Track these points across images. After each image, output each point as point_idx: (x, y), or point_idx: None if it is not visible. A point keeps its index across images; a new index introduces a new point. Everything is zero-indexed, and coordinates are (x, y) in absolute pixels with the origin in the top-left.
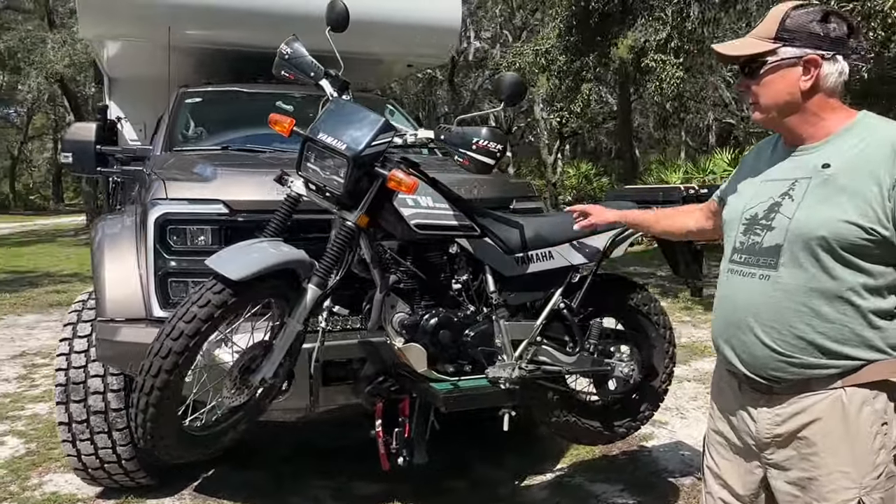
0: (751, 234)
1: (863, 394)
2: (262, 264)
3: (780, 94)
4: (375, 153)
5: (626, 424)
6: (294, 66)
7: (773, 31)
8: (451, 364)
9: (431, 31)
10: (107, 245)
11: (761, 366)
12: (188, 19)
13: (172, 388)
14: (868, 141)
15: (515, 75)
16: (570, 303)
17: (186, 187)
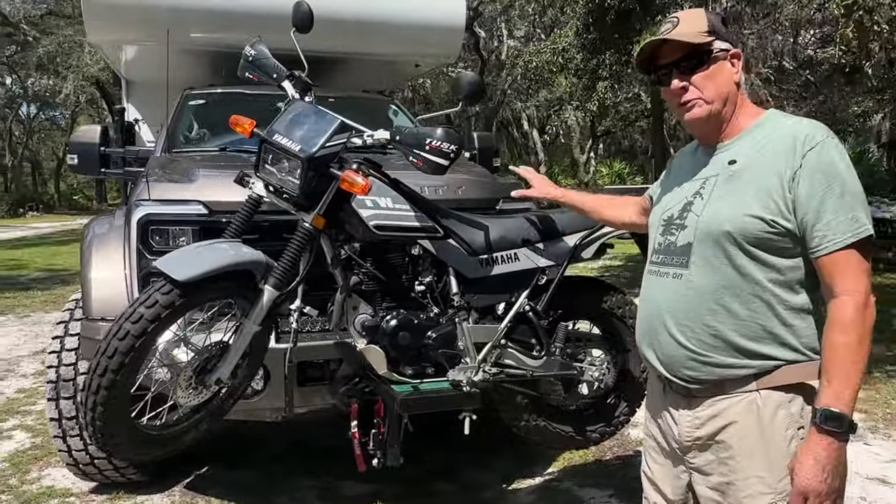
0: (667, 234)
1: (778, 397)
2: (210, 265)
3: (723, 84)
4: (330, 154)
5: (600, 430)
6: (257, 68)
7: (704, 25)
8: (412, 366)
9: (436, 30)
10: (95, 245)
11: (677, 366)
12: (190, 22)
13: (119, 387)
14: (772, 136)
15: (474, 75)
16: (535, 305)
17: (169, 189)
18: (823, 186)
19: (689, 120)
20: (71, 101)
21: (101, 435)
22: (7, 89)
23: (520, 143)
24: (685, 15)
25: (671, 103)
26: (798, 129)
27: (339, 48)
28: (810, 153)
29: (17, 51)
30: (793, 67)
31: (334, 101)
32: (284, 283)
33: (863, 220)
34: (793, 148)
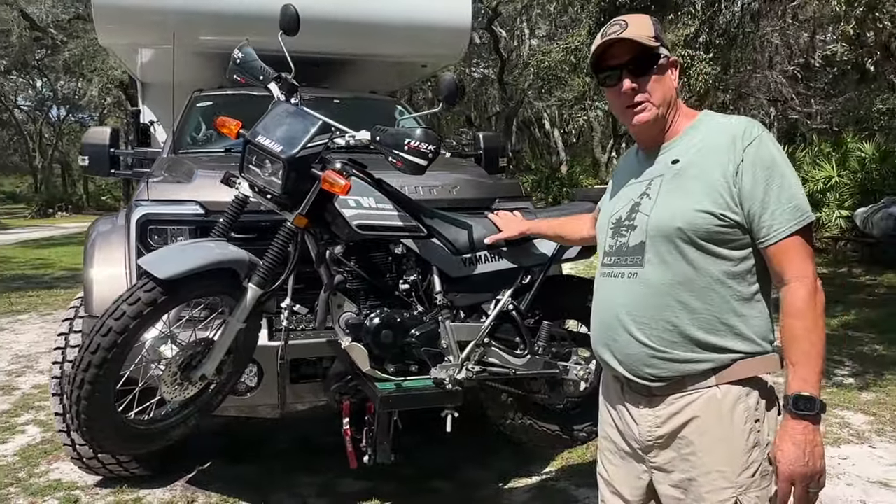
0: (618, 236)
1: (736, 391)
2: (192, 264)
3: (668, 89)
4: (311, 155)
5: (587, 429)
6: (244, 71)
7: (651, 31)
8: (395, 364)
9: (442, 31)
10: (97, 244)
11: (637, 364)
12: (198, 25)
13: (103, 382)
14: (711, 134)
15: (452, 76)
16: (518, 304)
17: (167, 189)
18: (765, 179)
19: (638, 122)
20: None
21: (87, 429)
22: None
23: (541, 142)
24: (632, 19)
25: (616, 105)
26: (735, 126)
27: (346, 49)
28: (749, 147)
29: (46, 54)
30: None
31: (340, 103)
32: (268, 282)
33: (804, 208)
34: (732, 144)
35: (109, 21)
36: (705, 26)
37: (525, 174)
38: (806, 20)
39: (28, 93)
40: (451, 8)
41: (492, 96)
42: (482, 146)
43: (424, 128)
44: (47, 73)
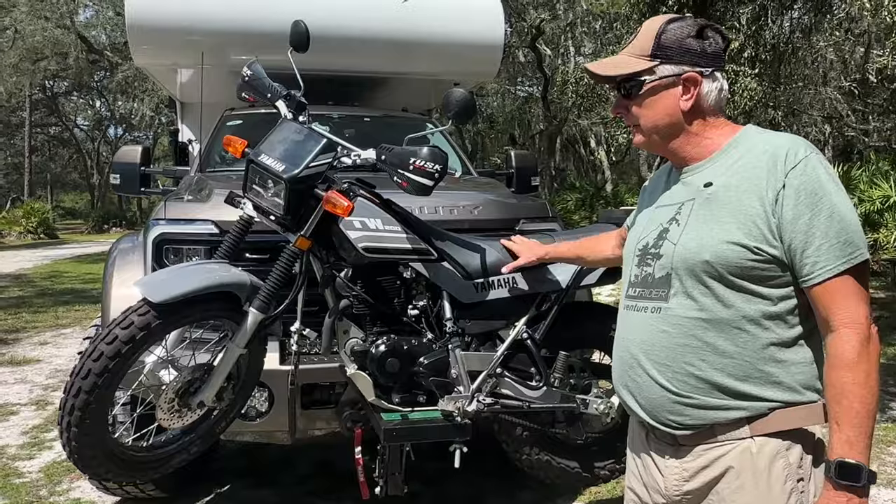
0: (643, 265)
1: (774, 444)
2: (187, 287)
3: (660, 115)
4: (313, 175)
5: (610, 466)
6: (253, 88)
7: (648, 47)
8: (402, 394)
9: (475, 48)
10: (117, 263)
11: (658, 409)
12: (228, 45)
13: (94, 407)
14: (750, 154)
15: (464, 92)
16: (533, 333)
17: (184, 208)
18: (810, 208)
19: (635, 145)
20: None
21: (77, 455)
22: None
23: (586, 161)
24: (645, 27)
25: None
26: (777, 144)
27: (379, 67)
28: (793, 171)
29: (105, 76)
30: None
31: (370, 121)
32: (271, 306)
33: (857, 243)
34: (773, 166)
35: (143, 42)
36: (751, 41)
37: (569, 193)
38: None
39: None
40: (483, 26)
41: (535, 115)
42: (514, 165)
43: (431, 147)
44: (105, 93)
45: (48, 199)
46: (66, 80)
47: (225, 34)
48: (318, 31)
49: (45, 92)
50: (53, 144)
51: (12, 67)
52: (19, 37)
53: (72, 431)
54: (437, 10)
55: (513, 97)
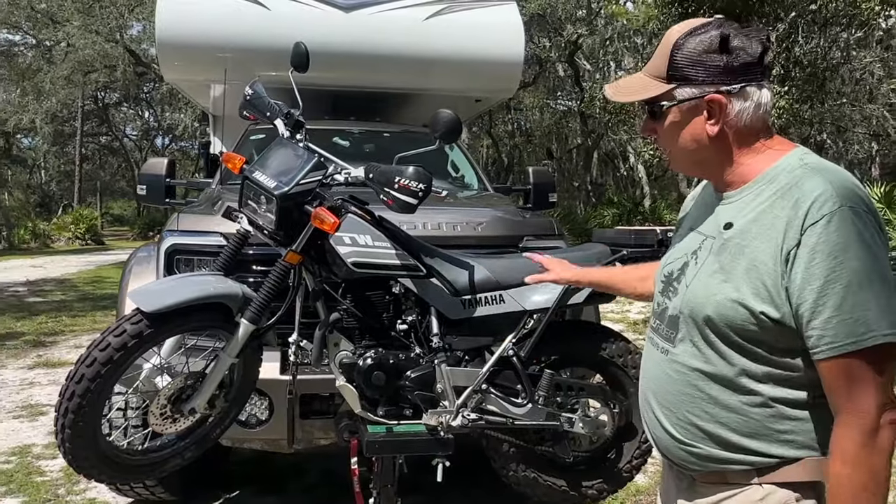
0: (664, 295)
1: (782, 495)
2: (179, 298)
3: (686, 142)
4: (303, 191)
5: (598, 486)
6: (253, 107)
7: (664, 67)
8: (388, 407)
9: (495, 66)
10: (133, 271)
11: (666, 450)
12: (252, 62)
13: (87, 411)
14: (779, 195)
15: (451, 113)
16: (518, 350)
17: (196, 220)
18: (825, 273)
19: (669, 167)
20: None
21: (71, 457)
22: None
23: (625, 175)
24: (661, 42)
25: None
26: (807, 189)
27: (401, 84)
28: (812, 228)
29: (152, 88)
30: None
31: (389, 136)
32: (262, 317)
33: (872, 325)
34: (794, 217)
35: (171, 58)
36: (780, 58)
37: (606, 208)
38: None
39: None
40: (503, 43)
41: (573, 129)
42: (532, 181)
43: (416, 166)
44: (153, 104)
45: (97, 206)
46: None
47: (249, 51)
48: (340, 49)
49: (96, 103)
50: (103, 153)
51: (65, 79)
52: (71, 50)
53: (66, 433)
54: (458, 28)
55: (551, 111)
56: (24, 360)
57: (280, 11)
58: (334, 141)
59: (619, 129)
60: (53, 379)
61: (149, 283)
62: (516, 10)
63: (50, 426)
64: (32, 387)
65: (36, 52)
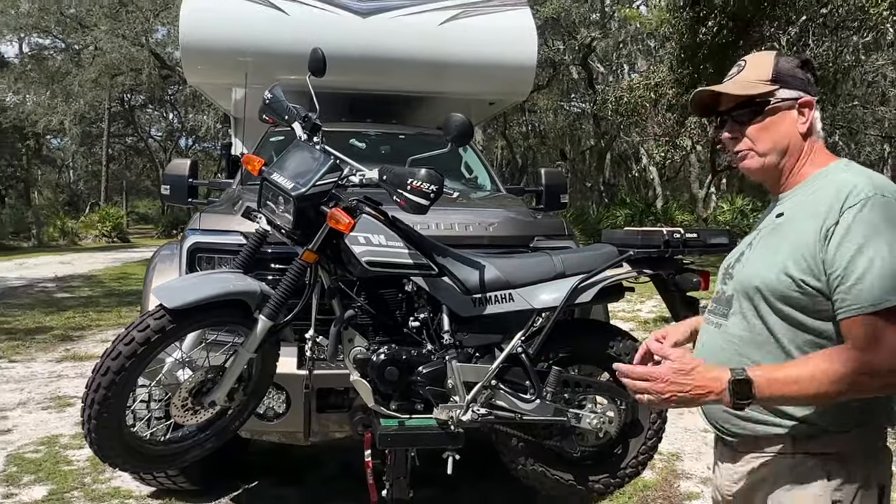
0: (722, 283)
1: (814, 463)
2: (199, 294)
3: (781, 136)
4: (319, 193)
5: (604, 481)
6: (272, 111)
7: (768, 73)
8: (400, 402)
9: (508, 69)
10: (157, 268)
11: (716, 417)
12: (272, 66)
13: (111, 402)
14: (822, 190)
15: (462, 116)
16: (527, 348)
17: (217, 220)
18: (856, 247)
19: (743, 169)
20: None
21: (97, 447)
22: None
23: (638, 176)
24: (753, 59)
25: (729, 149)
26: (846, 181)
27: (416, 87)
28: (850, 210)
29: (176, 90)
30: None
31: (405, 138)
32: (280, 314)
33: (891, 291)
34: (835, 201)
35: (195, 62)
36: None
37: (619, 208)
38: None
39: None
40: (516, 47)
41: (586, 131)
42: (544, 182)
43: (428, 168)
44: (177, 106)
45: (123, 205)
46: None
47: (268, 55)
48: (357, 53)
49: (122, 105)
50: (129, 154)
51: (92, 82)
52: (99, 53)
53: (91, 423)
54: (473, 32)
55: (564, 113)
56: (53, 353)
57: (298, 17)
58: (351, 143)
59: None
60: (80, 372)
61: (171, 280)
62: (530, 15)
63: (77, 417)
64: (60, 379)
65: (65, 55)
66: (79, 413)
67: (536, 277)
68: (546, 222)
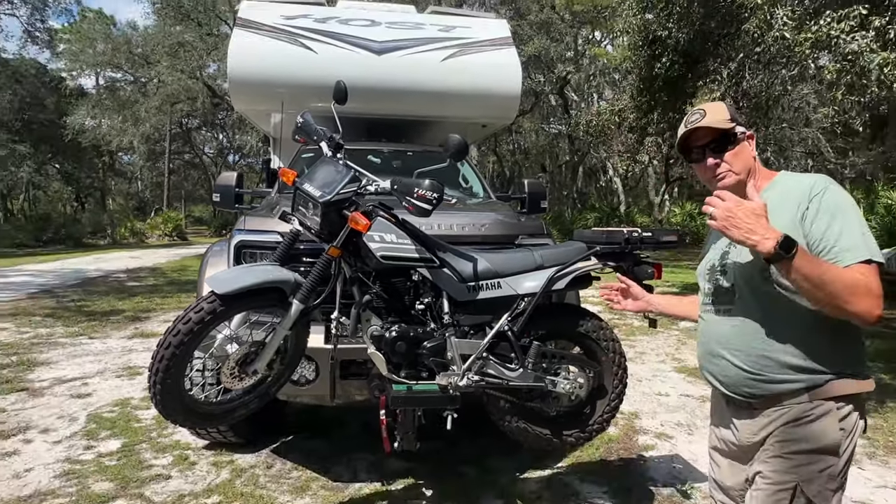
0: (713, 280)
1: (829, 405)
2: (243, 283)
3: (747, 160)
4: (342, 199)
5: (575, 435)
6: (303, 132)
7: (726, 115)
8: (408, 370)
9: (497, 97)
10: (209, 261)
11: (736, 385)
12: (304, 96)
13: (173, 371)
14: (784, 189)
15: (459, 137)
16: (512, 326)
17: (258, 221)
18: (827, 222)
19: (722, 187)
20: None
21: (161, 407)
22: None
23: (605, 186)
24: (710, 107)
25: (704, 176)
26: (808, 180)
27: (422, 113)
28: (816, 197)
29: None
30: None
31: (412, 154)
32: (310, 298)
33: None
34: (805, 194)
35: (241, 93)
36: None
37: (589, 212)
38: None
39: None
40: (504, 80)
41: (562, 148)
42: (527, 191)
43: (431, 179)
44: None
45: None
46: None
47: (300, 87)
48: (373, 85)
49: (180, 127)
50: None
51: (156, 109)
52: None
53: (156, 388)
54: (469, 67)
55: (545, 134)
56: (125, 331)
57: (325, 55)
58: (368, 158)
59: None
60: (147, 346)
61: (221, 271)
62: (515, 53)
63: (144, 384)
64: (131, 353)
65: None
66: (146, 380)
67: (520, 268)
68: (528, 224)
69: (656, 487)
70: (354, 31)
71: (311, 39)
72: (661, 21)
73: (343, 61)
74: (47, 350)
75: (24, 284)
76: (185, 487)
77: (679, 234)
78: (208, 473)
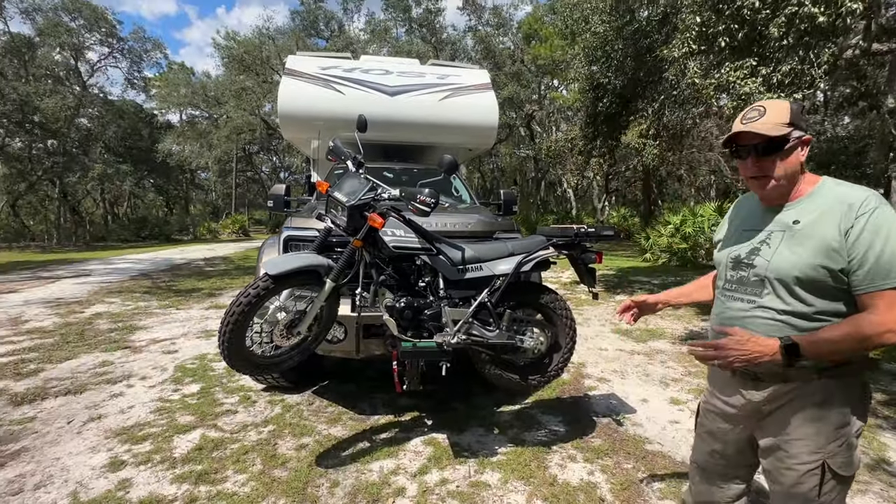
0: (738, 270)
1: (835, 383)
2: (290, 266)
3: (792, 165)
4: (363, 204)
5: (537, 379)
6: (334, 154)
7: (786, 118)
8: (413, 331)
9: (480, 128)
10: (265, 250)
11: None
12: (336, 127)
13: (237, 332)
14: (829, 201)
15: (451, 156)
16: (490, 299)
17: (301, 221)
18: (869, 241)
19: (759, 191)
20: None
21: (229, 360)
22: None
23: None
24: (771, 105)
25: (744, 173)
26: (854, 195)
27: (424, 140)
28: (862, 217)
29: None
30: None
31: (417, 171)
32: (340, 278)
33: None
34: (849, 210)
35: (287, 125)
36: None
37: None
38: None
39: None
40: (485, 115)
41: (529, 167)
42: (502, 199)
43: (430, 189)
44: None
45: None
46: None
47: (332, 120)
48: (387, 118)
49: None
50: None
51: (225, 138)
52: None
53: (224, 346)
54: (459, 105)
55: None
56: (203, 304)
57: (351, 96)
58: (383, 174)
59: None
60: (220, 315)
61: (273, 258)
62: (494, 96)
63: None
64: (207, 320)
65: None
66: (217, 340)
67: (497, 255)
68: (503, 223)
69: (598, 417)
70: (373, 78)
71: (341, 84)
72: (603, 72)
73: (364, 101)
74: (144, 318)
75: (127, 270)
76: (247, 419)
77: (615, 230)
78: (265, 409)
